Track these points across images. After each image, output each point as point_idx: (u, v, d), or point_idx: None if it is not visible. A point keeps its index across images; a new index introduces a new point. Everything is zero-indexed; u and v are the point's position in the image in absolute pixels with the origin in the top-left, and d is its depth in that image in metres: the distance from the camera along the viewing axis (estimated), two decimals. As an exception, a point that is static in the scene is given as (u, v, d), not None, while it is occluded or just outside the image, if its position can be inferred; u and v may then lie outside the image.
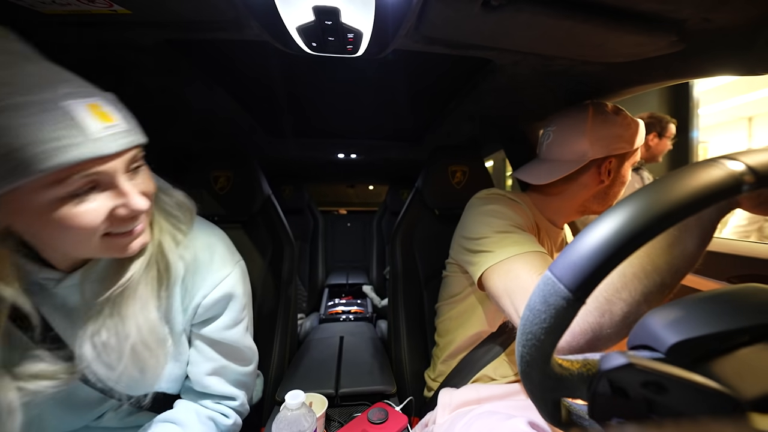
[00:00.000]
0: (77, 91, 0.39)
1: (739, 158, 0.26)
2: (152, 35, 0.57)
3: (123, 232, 0.45)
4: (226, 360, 0.62)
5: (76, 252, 0.45)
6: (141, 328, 0.49)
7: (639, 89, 0.77)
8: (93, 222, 0.41)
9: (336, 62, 0.74)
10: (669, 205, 0.25)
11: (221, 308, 0.60)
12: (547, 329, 0.26)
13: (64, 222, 0.39)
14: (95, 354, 0.48)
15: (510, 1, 0.46)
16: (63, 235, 0.40)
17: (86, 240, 0.42)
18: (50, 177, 0.36)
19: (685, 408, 0.25)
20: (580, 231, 0.27)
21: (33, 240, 0.43)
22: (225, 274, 0.59)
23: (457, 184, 1.06)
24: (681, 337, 0.26)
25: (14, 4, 0.45)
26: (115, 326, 0.48)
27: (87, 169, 0.38)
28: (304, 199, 2.20)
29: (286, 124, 1.27)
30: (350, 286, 2.21)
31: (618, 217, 0.25)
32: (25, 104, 0.35)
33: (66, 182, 0.37)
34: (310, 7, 0.47)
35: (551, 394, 0.30)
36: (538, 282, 0.28)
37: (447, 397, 0.74)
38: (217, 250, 0.60)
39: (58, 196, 0.38)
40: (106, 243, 0.44)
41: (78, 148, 0.37)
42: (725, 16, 0.48)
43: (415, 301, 1.04)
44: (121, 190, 0.42)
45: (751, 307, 0.28)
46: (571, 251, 0.26)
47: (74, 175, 0.38)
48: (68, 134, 0.36)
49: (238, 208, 1.00)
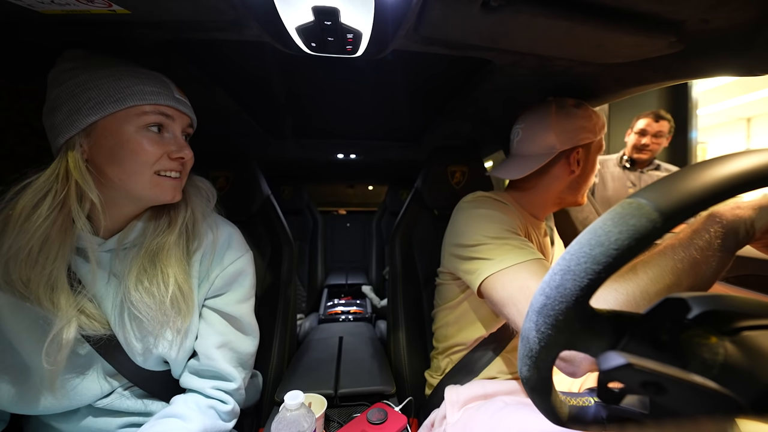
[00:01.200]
0: (169, 78, 0.58)
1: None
2: (152, 36, 0.57)
3: (169, 176, 0.57)
4: (233, 335, 0.66)
5: (133, 183, 0.54)
6: (178, 278, 0.58)
7: (638, 90, 0.77)
8: (155, 151, 0.54)
9: (335, 62, 0.74)
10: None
11: (235, 282, 0.67)
12: (618, 251, 0.24)
13: (138, 146, 0.52)
14: (140, 296, 0.55)
15: (509, 1, 0.46)
16: (130, 160, 0.52)
17: (144, 169, 0.54)
18: (142, 108, 0.52)
19: (685, 408, 0.25)
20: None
21: (105, 169, 0.53)
22: (241, 253, 0.68)
23: (457, 184, 1.06)
24: (713, 307, 0.26)
25: (12, 4, 0.44)
26: (155, 276, 0.57)
27: (167, 111, 0.55)
28: (304, 200, 2.20)
29: (285, 124, 1.27)
30: (349, 286, 2.21)
31: (721, 164, 0.25)
32: (140, 71, 0.54)
33: (149, 115, 0.53)
34: (309, 8, 0.47)
35: (565, 339, 0.28)
36: (612, 209, 0.26)
37: (454, 395, 0.74)
38: (235, 237, 0.69)
39: (141, 124, 0.53)
40: (155, 180, 0.55)
41: (165, 97, 0.55)
42: (724, 17, 0.48)
43: (415, 301, 1.04)
44: (178, 139, 0.58)
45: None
46: (667, 183, 0.25)
47: (156, 113, 0.54)
48: (161, 88, 0.55)
49: (238, 209, 0.99)
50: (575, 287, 0.26)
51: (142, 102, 0.52)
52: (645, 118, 1.81)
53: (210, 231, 0.65)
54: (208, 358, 0.62)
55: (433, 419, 0.77)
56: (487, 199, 0.76)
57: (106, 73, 0.51)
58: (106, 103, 0.50)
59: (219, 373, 0.63)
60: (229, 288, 0.66)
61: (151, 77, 0.55)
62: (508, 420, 0.60)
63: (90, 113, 0.50)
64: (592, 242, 0.25)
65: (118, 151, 0.52)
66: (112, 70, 0.52)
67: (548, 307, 0.27)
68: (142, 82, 0.53)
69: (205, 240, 0.64)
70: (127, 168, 0.53)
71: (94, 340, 0.56)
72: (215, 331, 0.64)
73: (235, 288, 0.67)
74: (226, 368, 0.64)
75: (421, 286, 1.05)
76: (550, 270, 0.28)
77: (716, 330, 0.26)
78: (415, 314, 1.03)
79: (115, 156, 0.52)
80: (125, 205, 0.58)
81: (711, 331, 0.26)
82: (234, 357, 0.66)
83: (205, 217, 0.66)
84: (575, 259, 0.26)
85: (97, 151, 0.52)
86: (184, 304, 0.58)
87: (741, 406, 0.23)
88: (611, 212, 0.26)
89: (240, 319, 0.67)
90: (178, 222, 0.61)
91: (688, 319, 0.26)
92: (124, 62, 0.55)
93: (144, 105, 0.52)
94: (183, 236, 0.61)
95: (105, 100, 0.50)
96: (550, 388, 0.31)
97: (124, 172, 0.53)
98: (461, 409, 0.71)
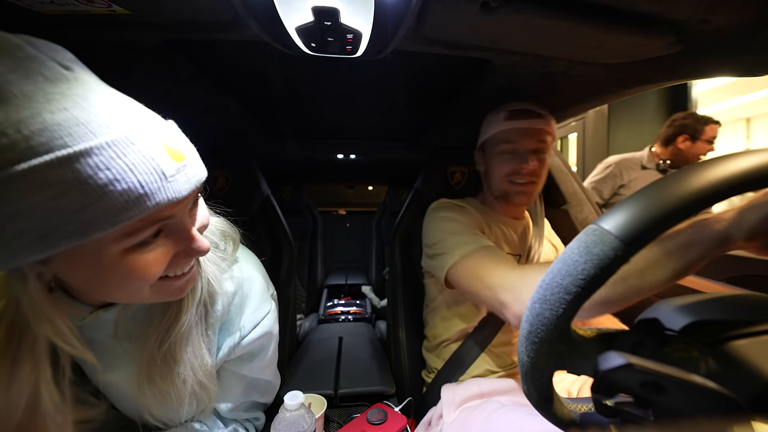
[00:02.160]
0: (148, 125, 0.33)
1: None
2: (151, 36, 0.57)
3: (178, 275, 0.41)
4: (254, 396, 0.63)
5: (129, 300, 0.41)
6: (197, 370, 0.47)
7: (637, 90, 0.77)
8: (157, 271, 0.37)
9: (335, 63, 0.74)
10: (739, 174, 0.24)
11: (259, 348, 0.58)
12: (585, 281, 0.25)
13: (128, 274, 0.35)
14: (153, 399, 0.45)
15: (509, 2, 0.46)
16: (120, 285, 0.36)
17: (143, 288, 0.38)
18: (121, 230, 0.32)
19: (684, 408, 0.25)
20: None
21: (81, 289, 0.39)
22: (265, 312, 0.56)
23: (456, 184, 1.06)
24: (697, 317, 0.26)
25: (11, 4, 0.44)
26: (170, 371, 0.45)
27: (161, 215, 0.34)
28: (304, 200, 2.20)
29: (285, 124, 1.27)
30: (349, 286, 2.21)
31: (681, 181, 0.25)
32: (99, 148, 0.29)
33: (135, 234, 0.33)
34: (309, 8, 0.46)
35: (555, 363, 0.28)
36: (579, 235, 0.27)
37: (450, 394, 0.75)
38: (256, 284, 0.56)
39: (127, 246, 0.33)
40: (158, 287, 0.39)
41: (158, 194, 0.32)
42: (723, 17, 0.48)
43: (415, 301, 1.04)
44: (186, 233, 0.38)
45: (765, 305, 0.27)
46: (627, 207, 0.25)
47: (147, 226, 0.34)
48: (149, 180, 0.31)
49: (237, 209, 0.99)
50: (553, 316, 0.26)
51: (115, 226, 0.30)
52: (714, 125, 1.62)
53: (230, 290, 0.53)
54: (227, 414, 0.60)
55: (430, 418, 0.77)
56: (448, 204, 0.86)
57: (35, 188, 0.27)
58: (50, 239, 0.29)
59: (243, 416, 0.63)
60: (253, 355, 0.58)
61: (132, 156, 0.30)
62: (503, 421, 0.60)
63: (27, 252, 0.29)
64: (562, 272, 0.26)
65: (99, 279, 0.36)
66: (46, 183, 0.27)
67: (533, 334, 0.28)
68: (106, 195, 0.29)
69: (225, 301, 0.52)
70: (119, 293, 0.38)
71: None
72: (234, 396, 0.59)
73: (260, 354, 0.58)
74: (246, 416, 0.63)
75: (421, 287, 1.05)
76: (531, 298, 0.29)
77: (699, 342, 0.26)
78: (414, 314, 1.03)
79: (96, 284, 0.37)
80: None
81: (693, 344, 0.26)
82: (254, 406, 0.65)
83: (224, 277, 0.52)
84: (550, 289, 0.27)
85: (65, 277, 0.36)
86: (204, 394, 0.49)
87: (740, 406, 0.23)
88: (578, 240, 0.26)
89: (263, 380, 0.62)
90: (191, 304, 0.46)
91: (671, 332, 0.27)
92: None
93: (120, 227, 0.31)
94: (201, 314, 0.48)
95: (47, 235, 0.28)
96: (552, 401, 0.31)
97: (113, 296, 0.40)
98: (458, 408, 0.72)
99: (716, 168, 0.24)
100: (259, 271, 0.60)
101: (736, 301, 0.28)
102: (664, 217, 0.24)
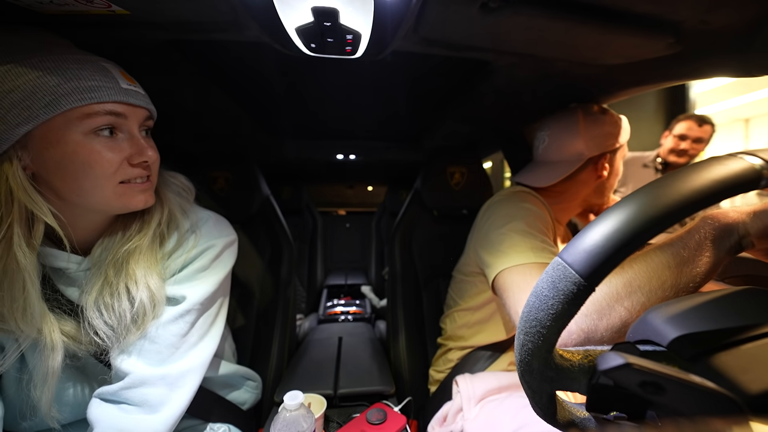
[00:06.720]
0: (112, 62, 0.49)
1: (759, 154, 0.27)
2: (151, 36, 0.57)
3: (136, 183, 0.50)
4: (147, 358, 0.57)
5: (95, 198, 0.48)
6: (150, 285, 0.52)
7: (637, 91, 0.77)
8: (113, 159, 0.46)
9: (335, 63, 0.74)
10: (688, 194, 0.25)
11: (194, 284, 0.57)
12: (555, 315, 0.26)
13: (90, 156, 0.45)
14: (99, 315, 0.50)
15: (508, 3, 0.46)
16: (84, 175, 0.45)
17: (106, 182, 0.47)
18: (83, 110, 0.43)
19: (684, 408, 0.25)
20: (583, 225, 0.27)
21: (55, 185, 0.46)
22: (209, 245, 0.59)
23: (456, 185, 1.06)
24: (684, 331, 0.26)
25: (11, 4, 0.44)
26: (124, 286, 0.51)
27: (115, 110, 0.46)
28: (303, 200, 2.20)
29: (285, 125, 1.27)
30: (349, 286, 2.21)
31: (634, 206, 0.25)
32: (73, 58, 0.44)
33: (94, 117, 0.44)
34: (309, 9, 0.47)
35: (549, 386, 0.30)
36: (546, 268, 0.27)
37: (469, 387, 0.73)
38: (211, 222, 0.62)
39: (87, 129, 0.44)
40: (119, 190, 0.49)
41: (109, 91, 0.45)
42: (722, 18, 0.48)
43: (414, 301, 1.04)
44: (136, 140, 0.49)
45: (752, 306, 0.28)
46: (584, 239, 0.26)
47: (102, 114, 0.45)
48: (103, 80, 0.45)
49: (237, 209, 0.99)
50: (534, 347, 0.27)
51: (80, 103, 0.43)
52: (686, 122, 1.68)
53: (189, 224, 0.59)
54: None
55: (446, 413, 0.76)
56: (527, 195, 0.76)
57: (27, 65, 0.41)
58: (34, 108, 0.41)
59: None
60: (193, 277, 0.57)
61: (88, 65, 0.45)
62: (535, 416, 0.60)
63: (16, 123, 0.41)
64: (536, 306, 0.27)
65: (67, 164, 0.44)
66: (34, 60, 0.42)
67: (524, 362, 0.29)
68: (77, 76, 0.43)
69: (181, 235, 0.57)
70: (84, 184, 0.46)
71: (84, 357, 0.53)
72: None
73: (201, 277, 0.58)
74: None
75: (421, 287, 1.05)
76: (517, 329, 0.30)
77: (681, 357, 0.26)
78: (414, 314, 1.03)
79: (65, 170, 0.45)
80: (92, 219, 0.52)
81: (675, 359, 0.26)
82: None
83: (186, 214, 0.59)
84: (528, 322, 0.28)
85: (42, 164, 0.45)
86: (152, 314, 0.52)
87: (739, 406, 0.23)
88: (546, 274, 0.27)
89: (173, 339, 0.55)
90: (152, 224, 0.54)
91: (655, 347, 0.27)
92: (51, 43, 0.45)
93: (84, 106, 0.43)
94: (156, 239, 0.55)
95: (32, 105, 0.41)
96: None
97: (80, 188, 0.46)
98: (478, 403, 0.71)
99: (662, 191, 0.25)
100: (216, 216, 0.65)
101: (724, 304, 0.28)
102: (622, 246, 0.24)
